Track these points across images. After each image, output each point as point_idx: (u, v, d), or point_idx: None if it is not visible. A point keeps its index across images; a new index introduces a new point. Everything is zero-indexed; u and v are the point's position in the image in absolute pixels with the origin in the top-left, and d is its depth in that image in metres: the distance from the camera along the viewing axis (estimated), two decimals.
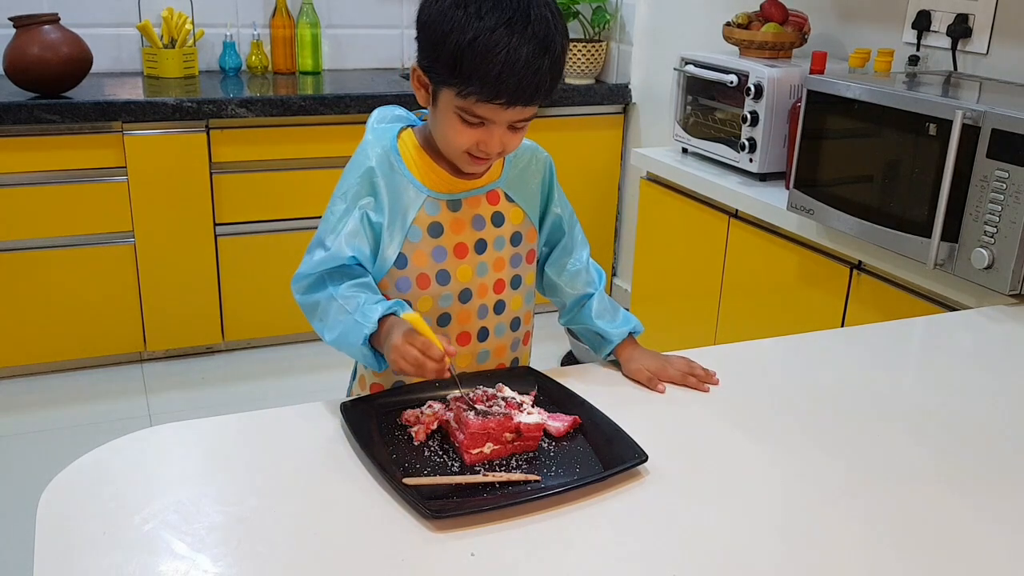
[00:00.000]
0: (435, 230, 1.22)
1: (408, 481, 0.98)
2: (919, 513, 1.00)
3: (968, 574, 0.91)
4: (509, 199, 1.28)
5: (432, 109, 1.19)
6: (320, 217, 1.23)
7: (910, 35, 2.28)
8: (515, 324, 1.34)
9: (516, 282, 1.31)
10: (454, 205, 1.23)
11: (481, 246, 1.26)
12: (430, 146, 1.24)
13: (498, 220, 1.27)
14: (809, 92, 1.99)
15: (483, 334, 1.30)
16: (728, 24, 2.48)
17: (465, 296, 1.26)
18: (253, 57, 3.35)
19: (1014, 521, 1.00)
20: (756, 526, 0.97)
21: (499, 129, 1.14)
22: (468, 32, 1.07)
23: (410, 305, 1.23)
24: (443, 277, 1.24)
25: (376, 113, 1.31)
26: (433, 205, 1.22)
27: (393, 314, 1.14)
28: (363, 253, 1.20)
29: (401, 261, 1.22)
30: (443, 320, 1.26)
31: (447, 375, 1.09)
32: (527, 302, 1.35)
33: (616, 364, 1.33)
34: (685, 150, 2.64)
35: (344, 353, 1.20)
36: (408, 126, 1.27)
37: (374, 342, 1.15)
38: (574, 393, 1.18)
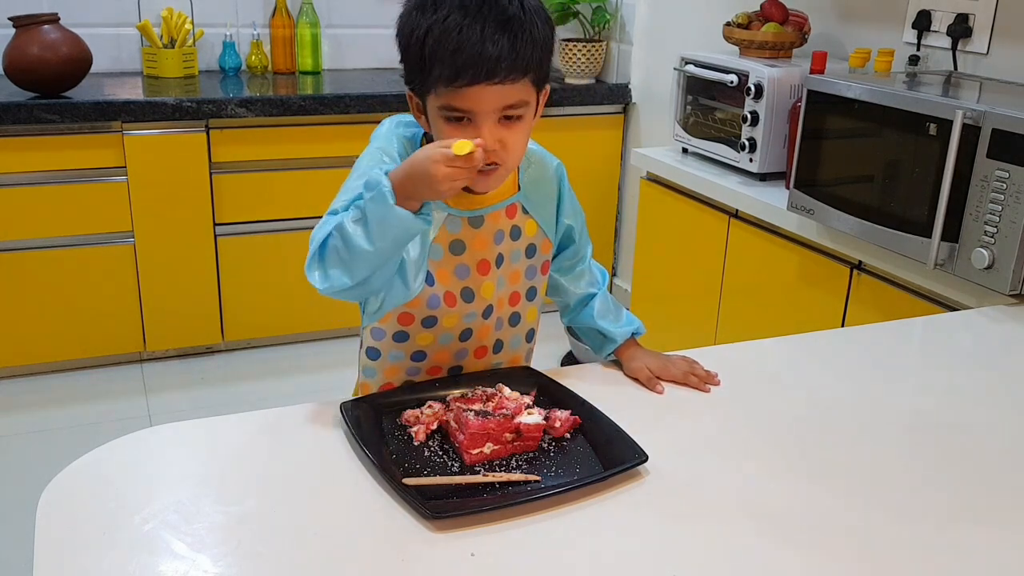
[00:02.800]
0: (457, 248, 1.21)
1: (408, 481, 0.98)
2: (918, 512, 1.00)
3: (968, 573, 0.91)
4: (525, 211, 1.26)
5: (430, 128, 1.17)
6: (320, 217, 1.22)
7: (910, 35, 2.28)
8: (529, 335, 1.34)
9: (531, 294, 1.31)
10: (476, 222, 1.21)
11: (499, 260, 1.24)
12: None
13: (516, 234, 1.25)
14: (809, 92, 1.99)
15: (498, 346, 1.30)
16: (728, 24, 2.48)
17: (488, 312, 1.26)
18: (253, 57, 3.35)
19: (1014, 521, 1.00)
20: (756, 526, 0.97)
21: (487, 121, 1.10)
22: (424, 25, 1.08)
23: (436, 320, 1.22)
24: (467, 295, 1.23)
25: (390, 121, 1.26)
26: (454, 223, 1.20)
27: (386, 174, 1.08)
28: None
29: (429, 279, 1.20)
30: (465, 335, 1.26)
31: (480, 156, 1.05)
32: (539, 312, 1.34)
33: (616, 364, 1.33)
34: (685, 150, 2.64)
35: (395, 247, 1.09)
36: (424, 134, 1.24)
37: (405, 205, 1.06)
38: (574, 393, 1.18)
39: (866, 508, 1.00)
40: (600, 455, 1.07)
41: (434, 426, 1.10)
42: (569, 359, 3.15)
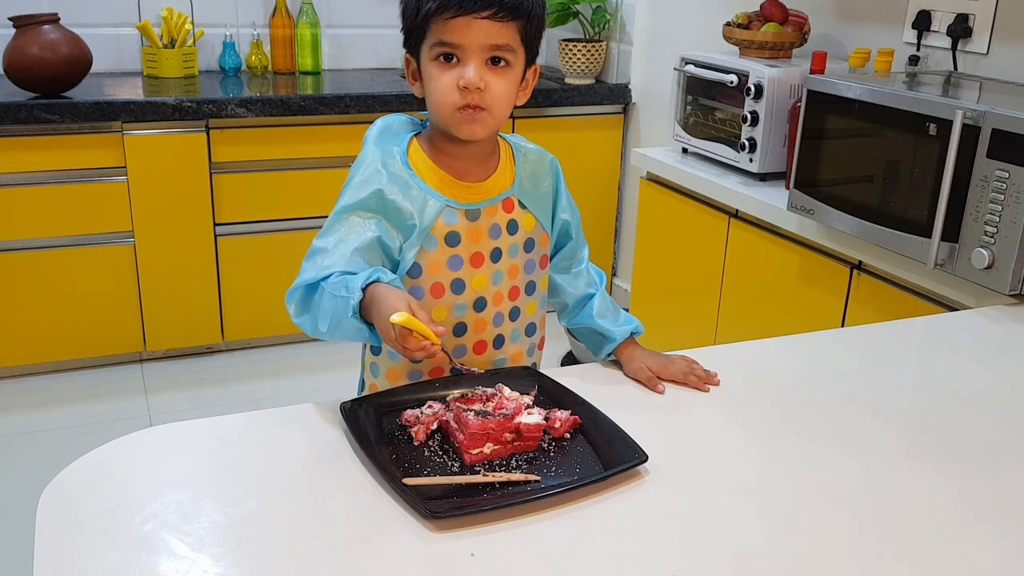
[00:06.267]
0: (452, 239, 1.21)
1: (408, 481, 0.98)
2: (918, 513, 1.00)
3: (967, 573, 0.91)
4: (522, 206, 1.27)
5: (424, 89, 1.19)
6: (320, 217, 1.22)
7: (910, 35, 2.28)
8: (530, 330, 1.34)
9: (530, 288, 1.31)
10: (473, 215, 1.23)
11: (496, 255, 1.25)
12: (436, 149, 1.23)
13: (513, 228, 1.26)
14: (809, 92, 1.99)
15: (499, 341, 1.29)
16: (728, 24, 2.48)
17: (480, 305, 1.25)
18: (253, 57, 3.35)
19: (1013, 520, 1.00)
20: (756, 526, 0.97)
21: (474, 59, 1.14)
22: None
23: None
24: (458, 286, 1.23)
25: (379, 123, 1.28)
26: (451, 214, 1.21)
27: (377, 280, 1.09)
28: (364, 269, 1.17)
29: (415, 270, 1.21)
30: (459, 330, 1.25)
31: (436, 355, 1.06)
32: (541, 307, 1.34)
33: (616, 364, 1.33)
34: (685, 150, 2.64)
35: (345, 340, 1.13)
36: (415, 134, 1.25)
37: (365, 315, 1.09)
38: (574, 393, 1.18)
39: (866, 509, 1.00)
40: (600, 455, 1.07)
41: (434, 426, 1.10)
42: (569, 359, 3.15)
